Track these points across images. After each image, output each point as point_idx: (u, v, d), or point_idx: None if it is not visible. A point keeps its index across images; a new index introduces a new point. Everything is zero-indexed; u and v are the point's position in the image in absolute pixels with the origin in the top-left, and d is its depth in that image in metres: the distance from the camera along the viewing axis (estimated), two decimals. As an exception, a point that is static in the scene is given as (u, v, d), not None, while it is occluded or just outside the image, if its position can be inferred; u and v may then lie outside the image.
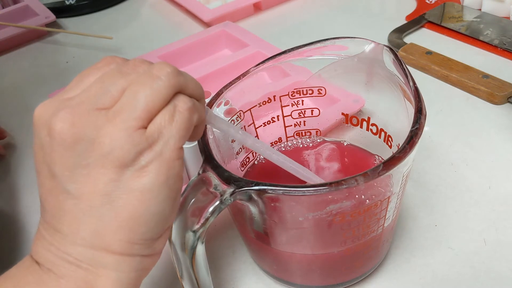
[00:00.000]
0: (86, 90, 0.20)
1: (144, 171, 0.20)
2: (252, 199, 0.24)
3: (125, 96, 0.20)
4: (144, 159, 0.20)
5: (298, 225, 0.25)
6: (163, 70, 0.20)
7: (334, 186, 0.22)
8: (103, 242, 0.20)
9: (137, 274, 0.21)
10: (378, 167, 0.22)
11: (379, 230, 0.27)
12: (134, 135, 0.20)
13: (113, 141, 0.19)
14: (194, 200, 0.23)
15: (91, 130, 0.19)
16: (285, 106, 0.33)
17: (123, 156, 0.20)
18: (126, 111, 0.20)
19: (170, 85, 0.20)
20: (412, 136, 0.24)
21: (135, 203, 0.20)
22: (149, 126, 0.20)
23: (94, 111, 0.20)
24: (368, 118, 0.32)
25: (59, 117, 0.20)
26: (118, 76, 0.20)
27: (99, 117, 0.20)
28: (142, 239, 0.21)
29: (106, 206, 0.20)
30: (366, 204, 0.24)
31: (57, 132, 0.19)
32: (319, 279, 0.29)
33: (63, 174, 0.20)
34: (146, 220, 0.20)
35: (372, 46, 0.29)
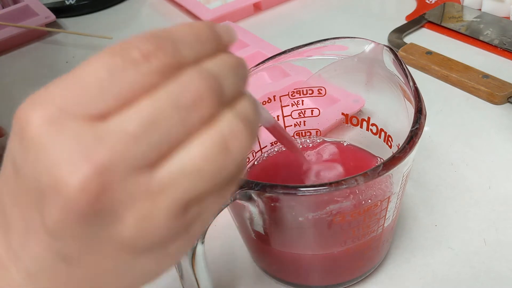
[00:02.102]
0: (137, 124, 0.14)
1: (167, 259, 0.16)
2: (252, 199, 0.24)
3: (182, 162, 0.14)
4: (173, 247, 0.16)
5: (298, 225, 0.25)
6: (243, 141, 0.15)
7: (334, 186, 0.22)
8: None
9: None
10: (378, 167, 0.22)
11: (379, 230, 0.27)
12: (175, 219, 0.15)
13: (148, 225, 0.14)
14: None
15: (122, 204, 0.14)
16: (285, 106, 0.33)
17: (152, 244, 0.15)
18: (178, 188, 0.14)
19: (240, 165, 0.15)
20: (412, 136, 0.24)
21: (136, 282, 0.17)
22: (189, 209, 0.15)
23: (133, 176, 0.14)
24: (368, 118, 0.32)
25: (77, 174, 0.13)
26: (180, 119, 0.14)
27: (138, 187, 0.14)
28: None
29: (107, 280, 0.16)
30: (366, 204, 0.24)
31: (72, 196, 0.13)
32: (319, 279, 0.29)
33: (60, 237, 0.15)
34: None
35: (372, 46, 0.29)
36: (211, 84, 0.15)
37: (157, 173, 0.14)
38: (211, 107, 0.15)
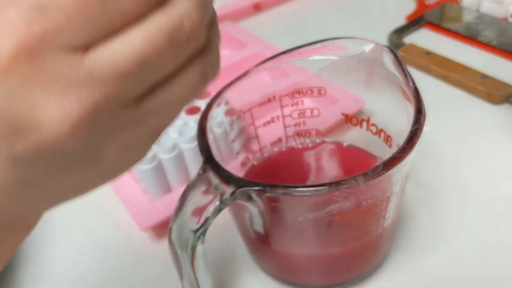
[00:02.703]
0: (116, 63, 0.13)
1: (122, 173, 0.17)
2: (252, 199, 0.24)
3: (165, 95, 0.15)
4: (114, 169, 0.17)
5: (298, 225, 0.25)
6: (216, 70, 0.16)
7: (334, 186, 0.22)
8: (35, 216, 0.18)
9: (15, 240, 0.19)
10: (378, 167, 0.22)
11: (379, 230, 0.27)
12: (150, 143, 0.16)
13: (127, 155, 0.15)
14: (194, 200, 0.23)
15: (106, 135, 0.14)
16: (285, 106, 0.33)
17: (126, 167, 0.16)
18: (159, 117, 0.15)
19: None
20: (412, 136, 0.24)
21: (92, 189, 0.17)
22: None
23: (120, 109, 0.14)
24: (368, 118, 0.32)
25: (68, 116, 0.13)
26: None
27: (124, 119, 0.14)
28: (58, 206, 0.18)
29: (64, 194, 0.17)
30: (366, 204, 0.24)
31: (53, 137, 0.13)
32: (319, 279, 0.29)
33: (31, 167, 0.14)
34: (82, 196, 0.18)
35: (372, 46, 0.29)
36: (203, 17, 0.14)
37: (142, 106, 0.14)
38: (201, 41, 0.14)
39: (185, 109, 0.17)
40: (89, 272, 0.33)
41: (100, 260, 0.34)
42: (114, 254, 0.34)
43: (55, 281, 0.33)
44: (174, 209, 0.23)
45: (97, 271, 0.33)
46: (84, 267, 0.34)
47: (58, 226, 0.37)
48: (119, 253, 0.34)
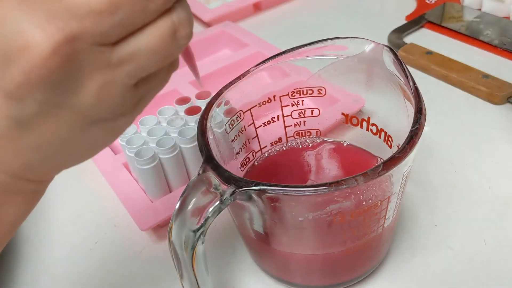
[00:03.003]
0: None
1: (115, 130, 0.19)
2: (252, 199, 0.24)
3: (138, 42, 0.16)
4: (122, 121, 0.18)
5: (298, 225, 0.25)
6: (188, 31, 0.18)
7: (334, 186, 0.22)
8: (33, 175, 0.19)
9: (44, 191, 0.21)
10: (378, 167, 0.22)
11: (379, 230, 0.27)
12: (128, 93, 0.17)
13: (106, 95, 0.17)
14: (194, 200, 0.23)
15: (85, 71, 0.16)
16: (285, 106, 0.33)
17: (107, 115, 0.17)
18: (134, 64, 0.16)
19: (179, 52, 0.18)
20: (412, 136, 0.24)
21: (88, 152, 0.19)
22: (140, 85, 0.18)
23: (97, 47, 0.16)
24: (368, 118, 0.32)
25: (49, 39, 0.15)
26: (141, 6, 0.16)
27: (100, 58, 0.16)
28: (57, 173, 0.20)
29: (58, 149, 0.18)
30: (366, 204, 0.24)
31: (42, 58, 0.15)
32: (319, 279, 0.29)
33: (21, 100, 0.16)
34: (82, 161, 0.20)
35: (372, 46, 0.29)
36: None
37: (117, 49, 0.16)
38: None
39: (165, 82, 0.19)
40: (89, 272, 0.33)
41: (100, 260, 0.34)
42: (114, 254, 0.34)
43: (55, 281, 0.33)
44: (174, 209, 0.23)
45: (97, 271, 0.33)
46: (84, 267, 0.34)
47: (58, 226, 0.37)
48: (119, 253, 0.34)
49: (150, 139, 0.35)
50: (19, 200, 0.20)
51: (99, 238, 0.35)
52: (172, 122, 0.37)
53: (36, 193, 0.21)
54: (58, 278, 0.33)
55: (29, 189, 0.20)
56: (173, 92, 0.46)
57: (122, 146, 0.37)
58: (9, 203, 0.20)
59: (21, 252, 0.35)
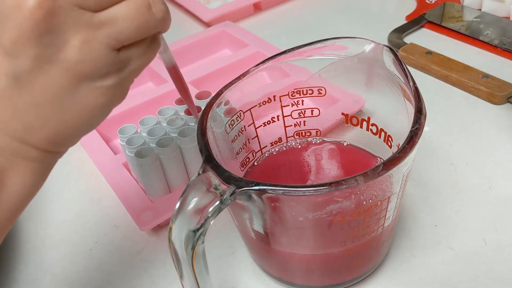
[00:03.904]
0: None
1: (103, 92, 0.20)
2: (252, 199, 0.24)
3: (116, 10, 0.19)
4: (108, 82, 0.20)
5: (298, 225, 0.25)
6: (162, 7, 0.20)
7: (334, 186, 0.22)
8: (35, 139, 0.20)
9: (51, 167, 0.22)
10: (378, 167, 0.22)
11: (379, 230, 0.27)
12: (111, 54, 0.20)
13: (89, 51, 0.19)
14: (194, 200, 0.23)
15: (69, 28, 0.19)
16: (285, 106, 0.33)
17: (92, 71, 0.20)
18: (113, 27, 0.19)
19: (160, 24, 0.21)
20: (412, 136, 0.24)
21: (82, 116, 0.21)
22: (122, 51, 0.20)
23: (78, 8, 0.19)
24: (368, 118, 0.32)
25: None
26: None
27: (81, 18, 0.19)
28: (68, 144, 0.22)
29: (53, 109, 0.20)
30: (366, 204, 0.24)
31: (29, 10, 0.18)
32: (319, 279, 0.29)
33: (16, 55, 0.19)
34: (81, 132, 0.22)
35: (372, 46, 0.29)
36: None
37: (97, 14, 0.19)
38: None
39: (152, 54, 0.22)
40: (89, 272, 0.33)
41: (100, 260, 0.34)
42: (114, 254, 0.34)
43: (55, 281, 0.33)
44: (174, 209, 0.23)
45: (97, 271, 0.33)
46: (84, 267, 0.34)
47: (58, 226, 0.37)
48: (119, 253, 0.34)
49: (150, 139, 0.35)
50: (24, 170, 0.21)
51: (99, 238, 0.35)
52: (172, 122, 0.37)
53: (41, 164, 0.21)
54: (58, 278, 0.33)
55: (34, 157, 0.21)
56: (173, 92, 0.46)
57: (122, 146, 0.37)
58: (14, 170, 0.21)
59: (21, 252, 0.35)
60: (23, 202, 0.22)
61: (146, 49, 0.22)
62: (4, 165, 0.20)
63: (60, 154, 0.22)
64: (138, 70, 0.22)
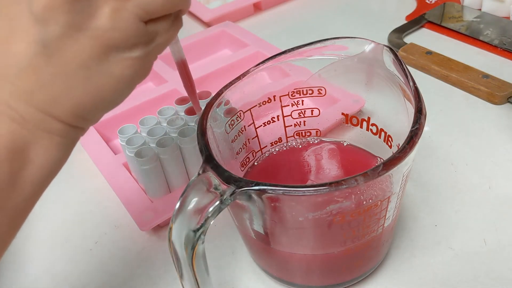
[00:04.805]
0: None
1: (130, 64, 0.20)
2: (252, 199, 0.24)
3: None
4: (135, 53, 0.20)
5: (298, 225, 0.25)
6: None
7: (334, 186, 0.22)
8: (59, 111, 0.20)
9: (74, 143, 0.22)
10: (378, 167, 0.22)
11: (379, 230, 0.27)
12: (140, 25, 0.20)
13: (119, 20, 0.19)
14: (194, 200, 0.23)
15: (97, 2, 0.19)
16: (285, 106, 0.33)
17: (120, 41, 0.19)
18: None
19: (182, 1, 0.21)
20: (412, 136, 0.24)
21: (108, 88, 0.20)
22: (149, 23, 0.20)
23: None
24: (368, 118, 0.32)
25: None
26: None
27: None
28: (93, 118, 0.22)
29: (80, 80, 0.20)
30: (367, 204, 0.24)
31: None
32: (319, 279, 0.29)
33: (47, 21, 0.19)
34: (106, 105, 0.21)
35: (372, 46, 0.29)
36: None
37: None
38: None
39: None
40: (89, 272, 0.33)
41: (100, 260, 0.34)
42: (114, 254, 0.34)
43: (55, 281, 0.33)
44: (174, 209, 0.23)
45: (97, 271, 0.33)
46: (84, 267, 0.34)
47: (58, 226, 0.37)
48: (119, 253, 0.34)
49: (150, 139, 0.35)
50: (48, 144, 0.20)
51: (99, 238, 0.35)
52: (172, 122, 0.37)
53: (65, 139, 0.21)
54: (58, 278, 0.33)
55: (58, 131, 0.20)
56: (173, 92, 0.46)
57: (122, 146, 0.37)
58: (39, 144, 0.20)
59: (21, 252, 0.35)
60: (47, 178, 0.21)
61: (170, 26, 0.22)
62: (28, 138, 0.20)
63: (83, 130, 0.22)
64: (163, 45, 0.22)
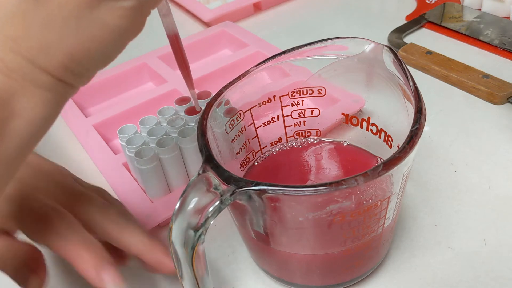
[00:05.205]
0: None
1: (122, 14, 0.20)
2: (252, 199, 0.24)
3: None
4: (128, 3, 0.19)
5: (298, 225, 0.25)
6: None
7: (334, 186, 0.22)
8: (48, 61, 0.19)
9: (64, 102, 0.21)
10: (378, 167, 0.22)
11: (379, 230, 0.27)
12: None
13: None
14: (194, 200, 0.23)
15: None
16: (285, 106, 0.33)
17: None
18: None
19: None
20: (412, 136, 0.24)
21: (99, 38, 0.20)
22: None
23: None
24: (368, 118, 0.32)
25: None
26: None
27: None
28: (84, 74, 0.20)
29: (70, 28, 0.19)
30: (367, 204, 0.24)
31: None
32: (319, 279, 0.29)
33: None
34: (99, 58, 0.20)
35: (372, 46, 0.29)
36: None
37: None
38: None
39: None
40: (89, 272, 0.33)
41: (100, 260, 0.34)
42: (114, 254, 0.34)
43: (55, 281, 0.33)
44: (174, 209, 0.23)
45: (97, 271, 0.33)
46: (84, 267, 0.34)
47: (58, 226, 0.37)
48: (119, 253, 0.34)
49: (150, 139, 0.35)
50: (37, 98, 0.19)
51: (99, 238, 0.35)
52: (172, 122, 0.37)
53: (53, 95, 0.20)
54: (58, 278, 0.33)
55: (46, 84, 0.19)
56: (173, 92, 0.46)
57: (122, 146, 0.37)
58: (26, 97, 0.19)
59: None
60: (35, 135, 0.20)
61: None
62: (14, 90, 0.19)
63: (72, 88, 0.21)
64: None
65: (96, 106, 0.49)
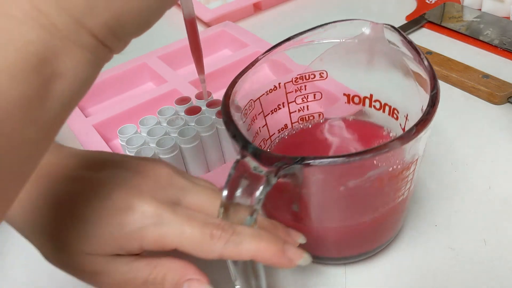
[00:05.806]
0: None
1: None
2: (295, 175, 0.24)
3: None
4: None
5: (337, 195, 0.26)
6: None
7: (376, 151, 0.23)
8: (93, 22, 0.19)
9: (101, 66, 0.21)
10: (411, 130, 0.24)
11: (406, 193, 0.28)
12: None
13: None
14: (242, 186, 0.23)
15: None
16: (289, 93, 0.34)
17: None
18: None
19: None
20: (433, 99, 0.25)
21: (144, 3, 0.20)
22: None
23: None
24: (371, 96, 0.33)
25: None
26: None
27: None
28: (124, 38, 0.20)
29: None
30: (401, 167, 0.25)
31: None
32: (348, 250, 0.30)
33: None
34: (140, 23, 0.20)
35: (371, 26, 0.30)
36: None
37: None
38: None
39: None
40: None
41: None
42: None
43: (55, 281, 0.33)
44: (221, 201, 0.23)
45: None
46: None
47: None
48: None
49: (150, 139, 0.35)
50: (79, 58, 0.19)
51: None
52: (172, 122, 0.37)
53: (94, 57, 0.20)
54: (58, 278, 0.33)
55: (89, 45, 0.19)
56: (173, 92, 0.46)
57: (122, 146, 0.37)
58: (69, 57, 0.19)
59: (21, 252, 0.35)
60: (75, 97, 0.20)
61: None
62: (58, 49, 0.18)
63: (110, 52, 0.20)
64: None
65: (96, 106, 0.49)
